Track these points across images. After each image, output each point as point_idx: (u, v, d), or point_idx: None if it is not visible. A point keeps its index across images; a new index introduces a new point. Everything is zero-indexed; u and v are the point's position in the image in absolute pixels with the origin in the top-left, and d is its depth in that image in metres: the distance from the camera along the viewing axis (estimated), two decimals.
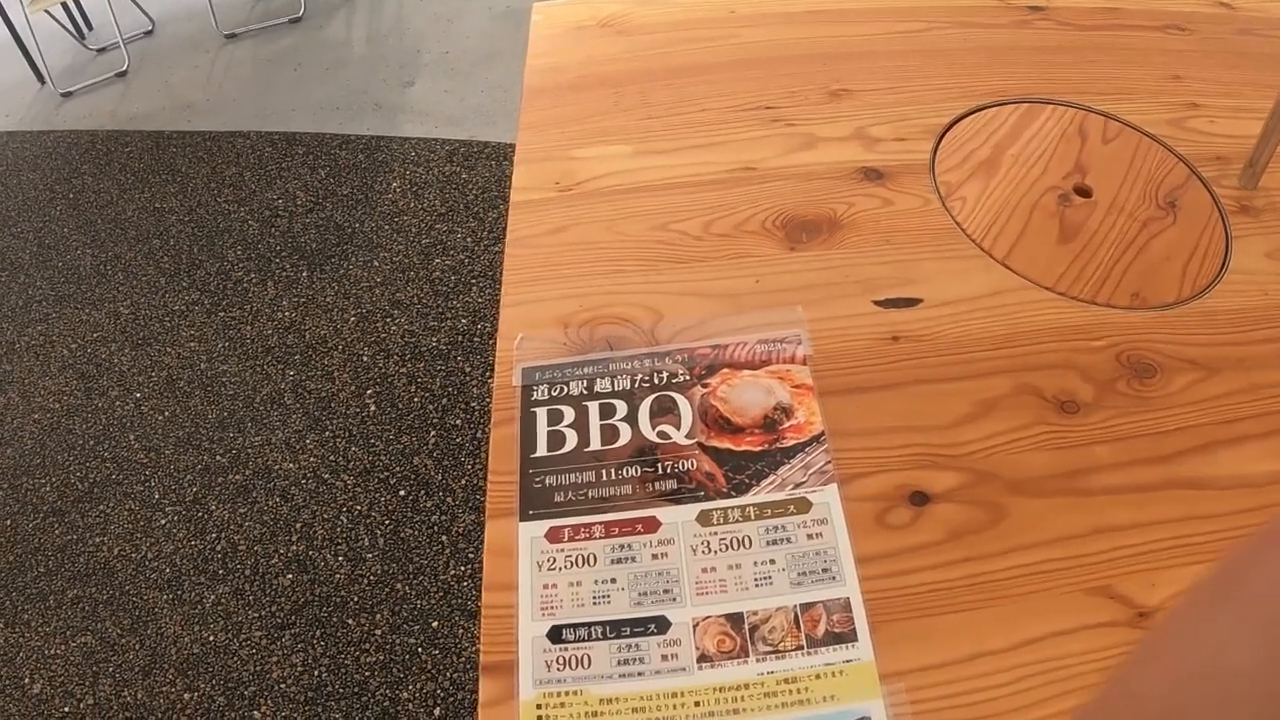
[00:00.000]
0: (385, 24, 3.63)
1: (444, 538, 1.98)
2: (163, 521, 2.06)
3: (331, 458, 2.14)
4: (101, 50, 3.58)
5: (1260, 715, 0.23)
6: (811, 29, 1.29)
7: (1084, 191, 1.02)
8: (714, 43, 1.24)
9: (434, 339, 2.38)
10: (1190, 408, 0.80)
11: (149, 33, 3.66)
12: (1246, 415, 0.80)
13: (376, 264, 2.59)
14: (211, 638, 1.88)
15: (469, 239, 2.65)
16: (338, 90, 3.29)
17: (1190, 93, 1.21)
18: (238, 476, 2.12)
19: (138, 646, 1.88)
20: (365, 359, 2.34)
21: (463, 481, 2.06)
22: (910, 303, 0.87)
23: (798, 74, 1.18)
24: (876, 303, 0.87)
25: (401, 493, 2.06)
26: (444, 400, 2.24)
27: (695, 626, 0.63)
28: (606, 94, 1.14)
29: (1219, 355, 0.85)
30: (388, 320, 2.43)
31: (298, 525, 2.02)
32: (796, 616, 0.64)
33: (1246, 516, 0.72)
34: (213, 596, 1.94)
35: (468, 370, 2.31)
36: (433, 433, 2.17)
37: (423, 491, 2.06)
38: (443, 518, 2.02)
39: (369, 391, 2.27)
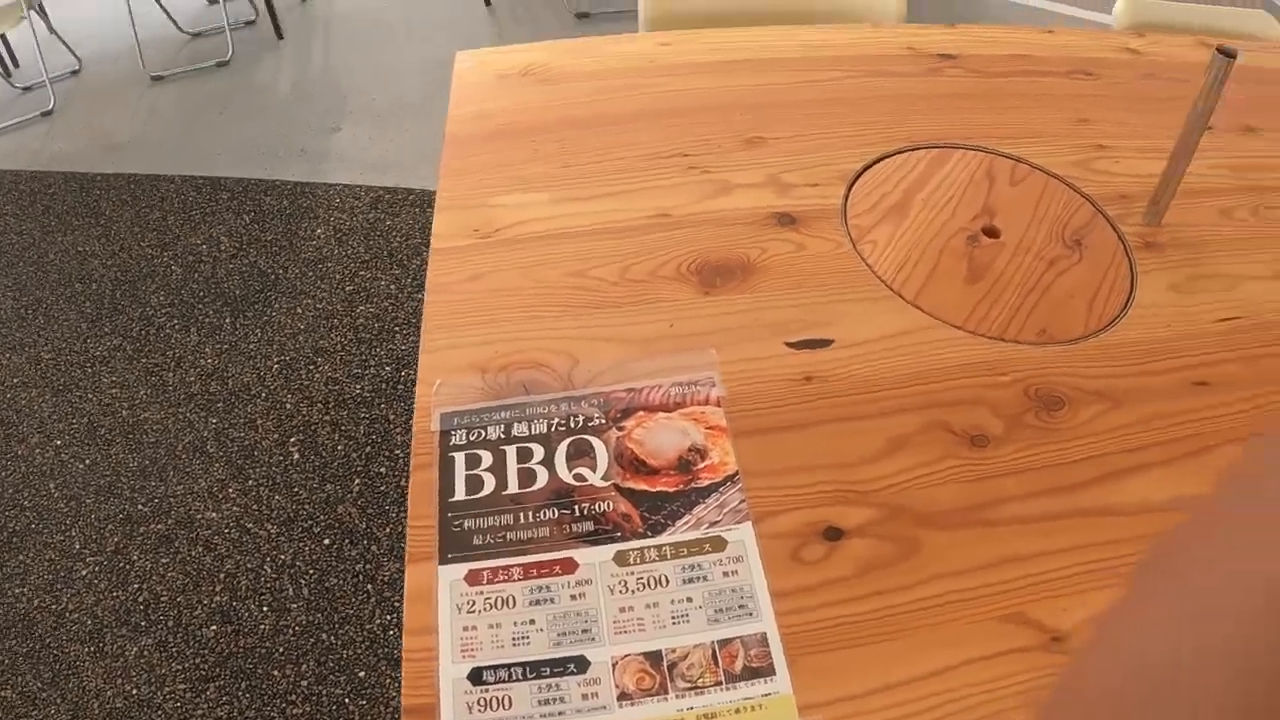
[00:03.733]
0: (313, 70, 3.80)
1: (369, 586, 2.04)
2: (84, 572, 2.09)
3: (255, 507, 2.19)
4: (27, 89, 3.71)
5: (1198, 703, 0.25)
6: (728, 79, 1.40)
7: (992, 232, 1.12)
8: (633, 92, 1.35)
9: (358, 386, 2.47)
10: (1096, 438, 0.89)
11: (75, 72, 3.81)
12: (1150, 443, 0.90)
13: (300, 311, 2.68)
14: (135, 691, 1.90)
15: (393, 286, 2.76)
16: (264, 135, 3.42)
17: (1097, 135, 1.34)
18: (160, 526, 2.16)
19: (59, 701, 1.89)
20: (289, 406, 2.42)
21: (387, 530, 2.12)
22: (822, 344, 0.95)
23: (714, 122, 1.28)
24: (789, 344, 0.95)
25: (326, 541, 2.12)
26: (368, 448, 2.32)
27: (614, 665, 0.69)
28: (527, 142, 1.23)
29: (1124, 386, 0.95)
30: (311, 368, 2.52)
31: (221, 575, 2.06)
32: (714, 653, 0.70)
33: (1150, 541, 0.81)
34: (135, 649, 1.97)
35: (391, 418, 2.36)
36: (357, 481, 2.24)
37: (347, 540, 2.12)
38: (368, 566, 2.08)
39: (292, 439, 2.34)
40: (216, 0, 3.86)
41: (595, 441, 0.83)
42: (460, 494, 0.78)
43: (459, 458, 0.81)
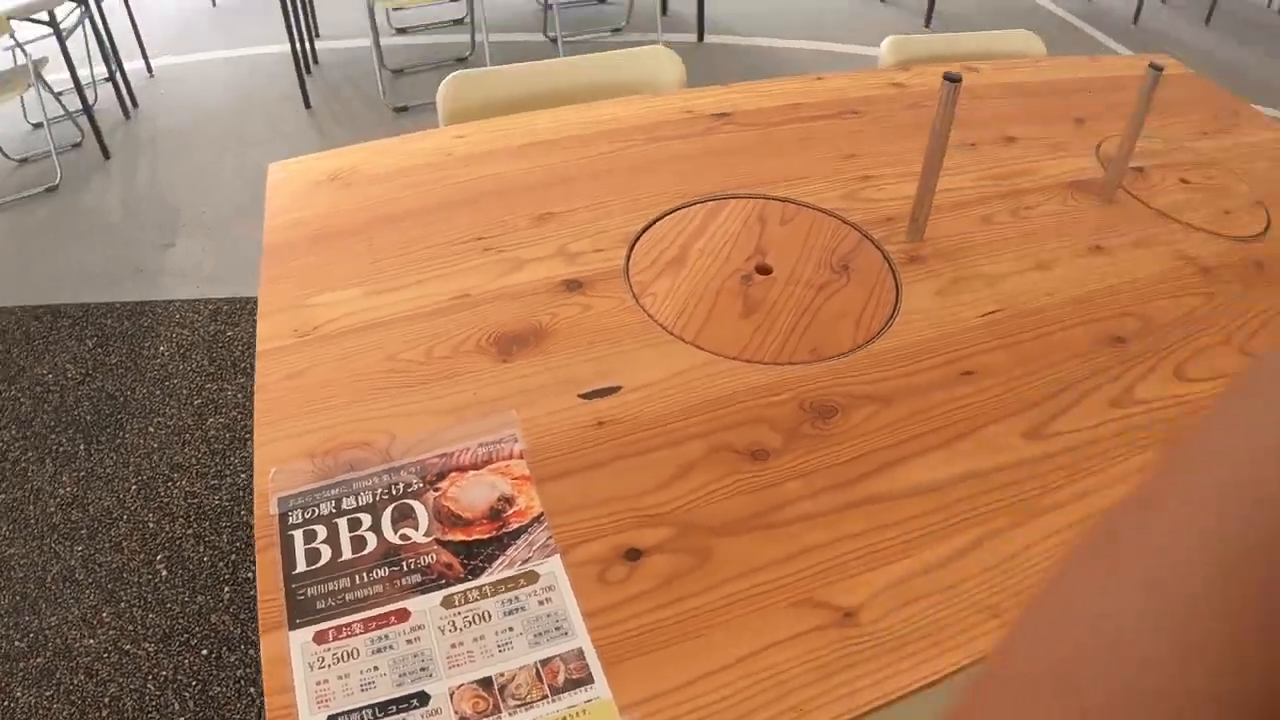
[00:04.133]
0: (141, 187, 3.90)
1: (252, 689, 2.11)
2: None
3: (130, 628, 2.24)
4: None
5: (1147, 675, 0.25)
6: (519, 162, 1.55)
7: (764, 270, 1.29)
8: (432, 185, 1.48)
9: (216, 497, 2.56)
10: (868, 436, 1.05)
11: None
12: (923, 431, 1.06)
13: (152, 430, 2.76)
14: None
15: (240, 395, 2.88)
16: (100, 257, 3.49)
17: (862, 167, 1.54)
18: (39, 660, 2.19)
19: None
20: (151, 525, 2.49)
21: None
22: (610, 391, 1.10)
23: (507, 205, 1.43)
24: (581, 395, 1.09)
25: (204, 652, 2.19)
26: (233, 555, 2.41)
27: (452, 695, 0.81)
28: (338, 244, 1.34)
29: (893, 387, 1.11)
30: (169, 484, 2.60)
31: (106, 700, 2.10)
32: (538, 671, 0.83)
33: (928, 516, 0.97)
34: None
35: (253, 523, 2.45)
36: (227, 589, 2.32)
37: (225, 648, 2.20)
38: (249, 670, 2.14)
39: (159, 557, 2.41)
40: (40, 124, 3.95)
41: (416, 504, 0.94)
42: (301, 566, 0.89)
43: (297, 535, 0.92)
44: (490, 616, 0.86)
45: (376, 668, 0.82)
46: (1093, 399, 1.14)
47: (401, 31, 4.98)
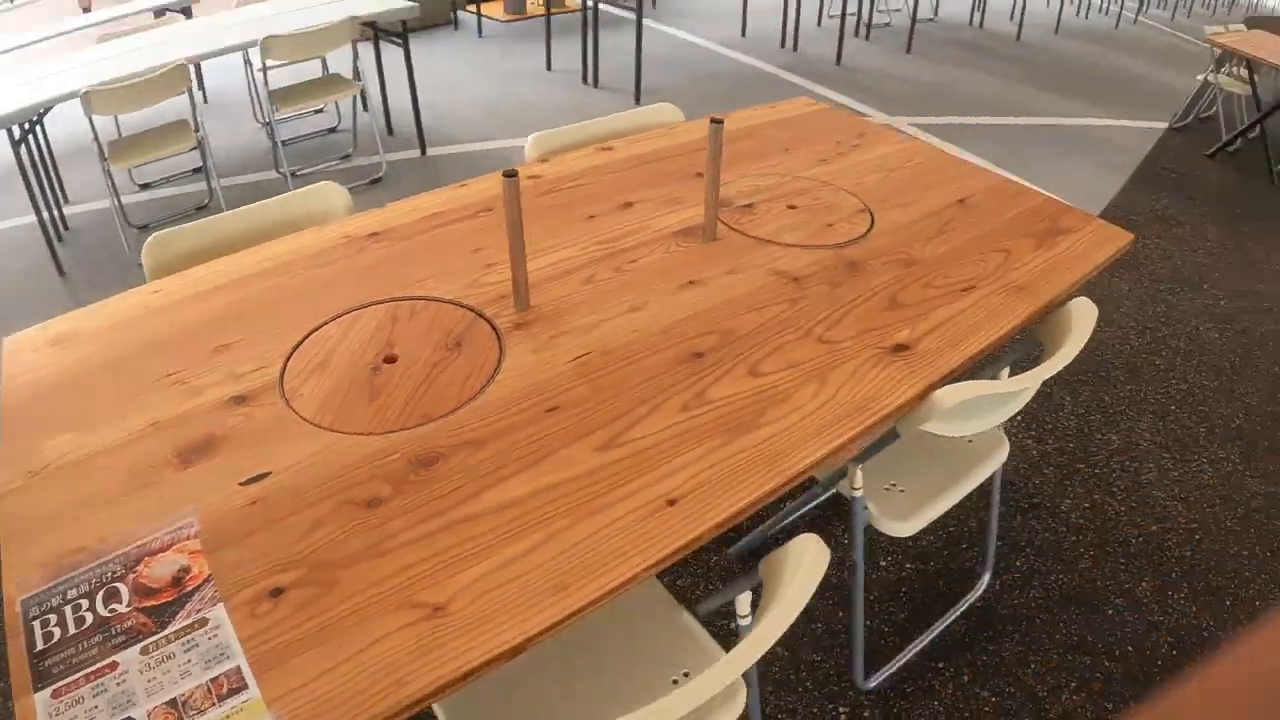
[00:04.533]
0: None
1: None
2: None
3: None
4: None
5: None
6: (203, 305, 1.83)
7: (391, 359, 1.66)
8: (134, 337, 1.76)
9: None
10: (464, 472, 1.42)
11: None
12: (509, 462, 1.43)
13: None
14: None
15: None
16: None
17: (487, 257, 1.95)
18: None
19: None
20: None
21: None
22: (263, 476, 1.46)
23: (192, 344, 1.70)
24: (240, 483, 1.46)
25: None
26: None
27: (149, 715, 1.18)
28: (61, 395, 1.61)
29: (488, 431, 1.50)
30: None
31: None
32: (209, 687, 1.18)
33: (507, 525, 1.32)
34: None
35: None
36: None
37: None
38: None
39: None
40: None
41: (120, 585, 1.21)
42: (40, 645, 1.19)
43: (35, 623, 1.22)
44: (175, 655, 1.21)
45: (96, 706, 1.19)
46: (665, 408, 1.50)
47: (145, 187, 5.25)
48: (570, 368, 1.58)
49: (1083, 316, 1.87)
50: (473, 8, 8.53)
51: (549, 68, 7.00)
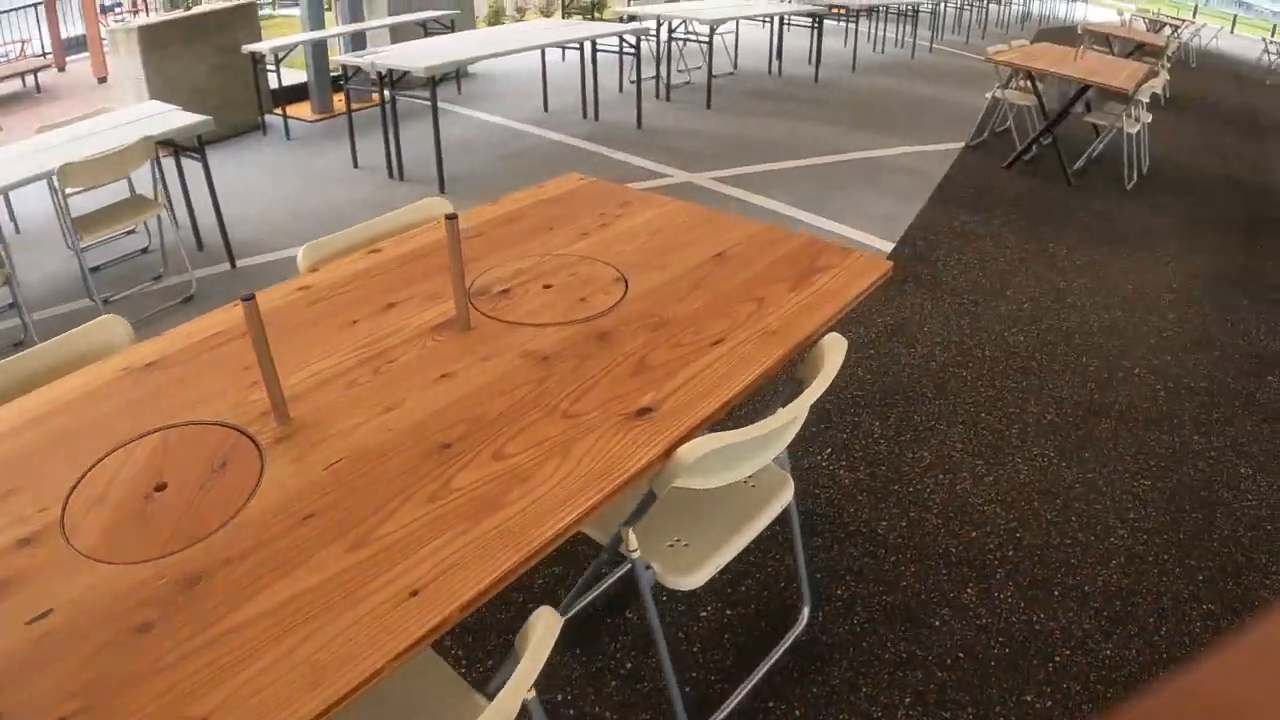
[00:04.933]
0: None
1: None
2: None
3: None
4: None
5: None
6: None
7: (161, 487, 1.73)
8: None
9: None
10: (227, 588, 1.44)
11: None
12: (268, 571, 1.45)
13: None
14: None
15: None
16: None
17: (254, 374, 1.97)
18: None
19: None
20: None
21: None
22: (47, 613, 1.48)
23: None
24: (27, 622, 1.45)
25: None
26: None
27: None
28: None
29: (250, 544, 1.51)
30: None
31: None
32: None
33: (267, 631, 1.40)
34: None
35: None
36: None
37: None
38: None
39: None
40: None
41: None
42: None
43: None
44: None
45: None
46: (412, 501, 1.57)
47: None
48: (326, 475, 1.65)
49: (832, 350, 2.00)
50: (280, 110, 8.53)
51: (355, 165, 7.07)
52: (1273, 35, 25.84)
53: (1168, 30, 16.64)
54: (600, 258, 2.36)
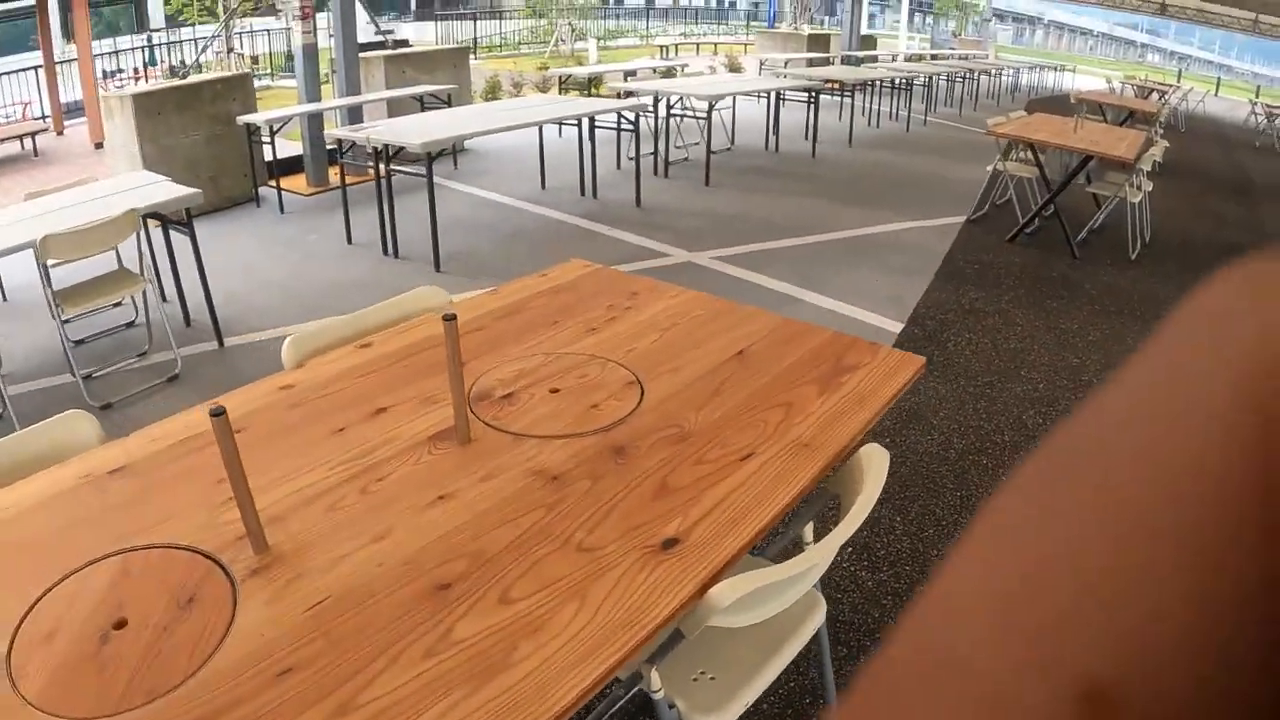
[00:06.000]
0: None
1: None
2: None
3: None
4: None
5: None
6: None
7: (120, 624, 1.49)
8: None
9: None
10: None
11: None
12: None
13: None
14: None
15: None
16: None
17: (229, 489, 1.81)
18: None
19: None
20: None
21: None
22: None
23: None
24: None
25: None
26: None
27: None
28: None
29: (215, 706, 1.29)
30: None
31: None
32: None
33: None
34: None
35: None
36: None
37: None
38: None
39: None
40: None
41: None
42: None
43: None
44: None
45: None
46: (406, 656, 1.35)
47: None
48: (305, 619, 1.42)
49: (873, 465, 1.79)
50: (275, 182, 8.36)
51: (349, 241, 6.89)
52: (1257, 97, 26.10)
53: (1156, 96, 16.70)
54: (611, 356, 2.14)
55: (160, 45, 19.66)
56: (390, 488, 1.71)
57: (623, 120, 8.20)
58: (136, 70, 17.63)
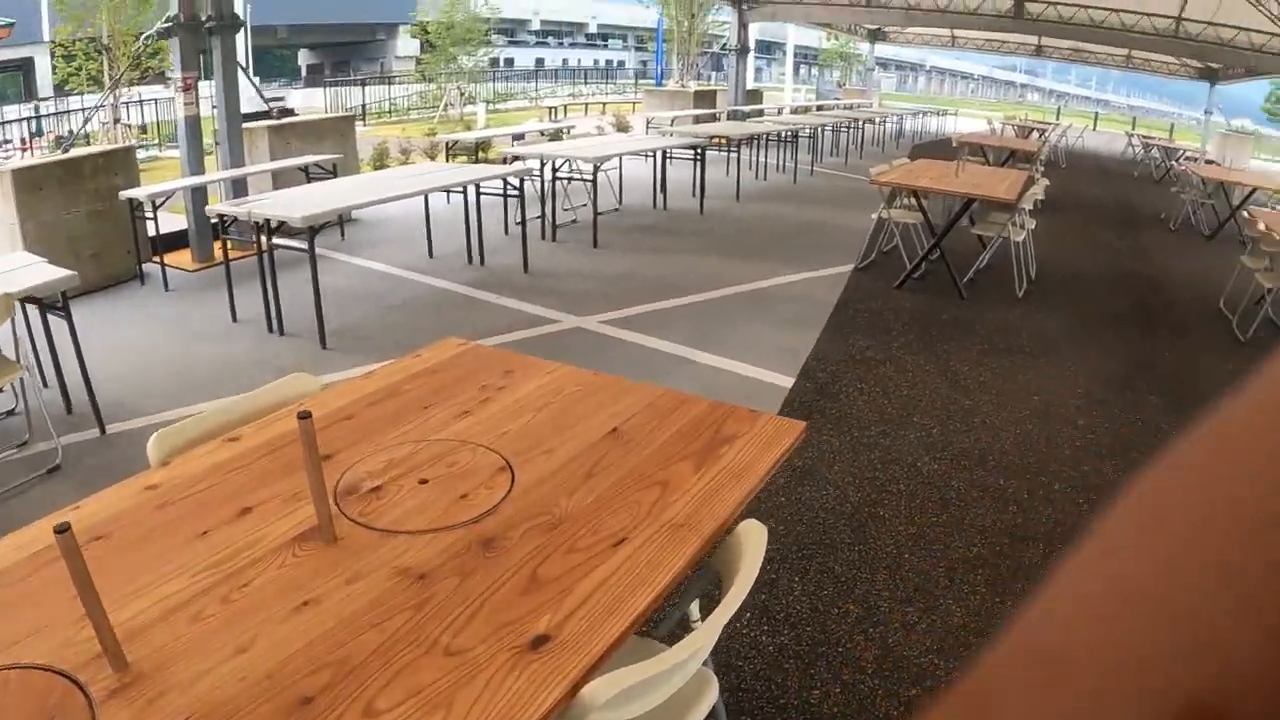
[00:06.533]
0: None
1: None
2: None
3: None
4: None
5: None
6: None
7: None
8: None
9: None
10: None
11: None
12: None
13: None
14: None
15: None
16: None
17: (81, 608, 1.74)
18: None
19: None
20: None
21: None
22: None
23: None
24: None
25: None
26: None
27: None
28: None
29: None
30: None
31: None
32: None
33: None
34: None
35: None
36: None
37: None
38: None
39: None
40: None
41: None
42: None
43: None
44: None
45: None
46: None
47: None
48: None
49: (751, 542, 1.78)
50: (159, 259, 8.18)
51: (234, 319, 6.75)
52: (1134, 128, 27.01)
53: (1036, 135, 17.15)
54: (482, 441, 2.11)
55: (48, 115, 19.29)
56: (253, 595, 1.65)
57: (509, 185, 8.18)
58: (24, 140, 17.26)
